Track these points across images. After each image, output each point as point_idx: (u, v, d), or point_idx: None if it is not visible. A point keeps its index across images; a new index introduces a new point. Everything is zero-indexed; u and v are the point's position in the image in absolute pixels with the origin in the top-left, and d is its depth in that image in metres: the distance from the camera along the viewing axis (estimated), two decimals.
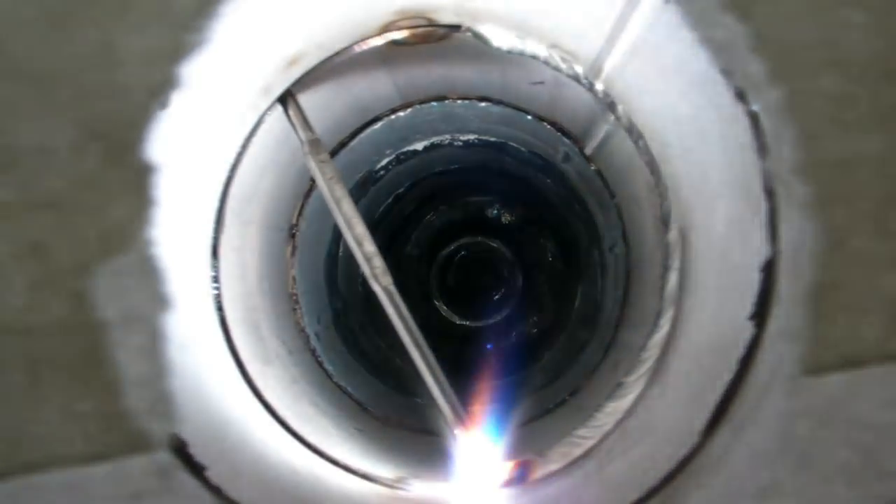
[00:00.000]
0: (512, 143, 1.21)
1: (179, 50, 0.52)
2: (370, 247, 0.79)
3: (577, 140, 1.04)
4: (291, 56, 0.75)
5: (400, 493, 0.85)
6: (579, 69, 0.81)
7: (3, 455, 0.53)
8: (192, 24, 0.52)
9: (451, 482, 0.86)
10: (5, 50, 0.51)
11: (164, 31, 0.52)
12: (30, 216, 0.52)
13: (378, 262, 0.79)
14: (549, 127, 1.05)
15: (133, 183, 0.52)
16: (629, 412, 0.81)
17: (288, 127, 0.81)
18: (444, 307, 1.57)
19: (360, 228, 0.79)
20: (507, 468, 0.85)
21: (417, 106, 1.05)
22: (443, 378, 0.83)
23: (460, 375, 1.16)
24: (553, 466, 0.83)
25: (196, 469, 0.58)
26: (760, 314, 0.58)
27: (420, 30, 0.80)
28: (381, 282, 0.79)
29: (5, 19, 0.51)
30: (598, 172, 1.04)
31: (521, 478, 0.84)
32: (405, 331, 0.80)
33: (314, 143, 0.79)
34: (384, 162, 1.21)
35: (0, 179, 0.52)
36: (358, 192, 1.22)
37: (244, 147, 0.79)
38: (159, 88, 0.52)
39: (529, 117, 1.05)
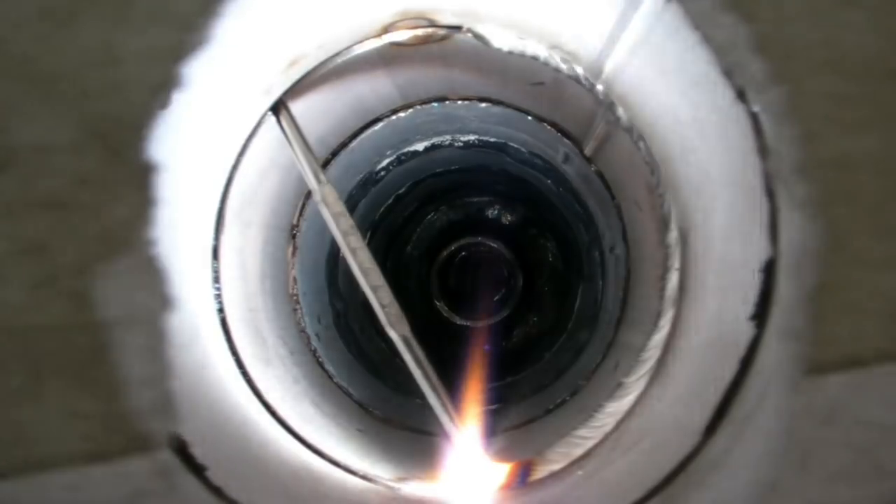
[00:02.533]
0: (512, 144, 1.21)
1: (180, 49, 0.52)
2: (386, 295, 0.80)
3: (578, 141, 1.04)
4: (292, 56, 0.75)
5: (401, 493, 0.85)
6: (579, 70, 0.81)
7: (2, 455, 0.53)
8: (194, 23, 0.52)
9: (453, 483, 0.86)
10: (5, 48, 0.51)
11: (166, 31, 0.52)
12: (30, 215, 0.52)
13: (394, 309, 0.80)
14: (549, 128, 1.05)
15: (134, 182, 0.52)
16: (630, 412, 0.81)
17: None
18: (445, 307, 1.57)
19: (376, 276, 0.80)
20: (507, 469, 0.85)
21: (418, 107, 1.05)
22: (457, 416, 0.83)
23: (460, 375, 1.16)
24: (554, 467, 0.83)
25: (197, 469, 0.58)
26: (761, 314, 0.58)
27: (421, 31, 0.80)
28: (397, 330, 0.80)
29: (5, 18, 0.51)
30: (599, 173, 1.04)
31: (521, 478, 0.84)
32: (424, 378, 0.81)
33: (327, 191, 0.80)
34: (385, 162, 1.21)
35: (0, 178, 0.52)
36: (358, 193, 1.22)
37: (245, 147, 0.79)
38: (160, 88, 0.52)
39: (530, 118, 1.05)
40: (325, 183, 0.80)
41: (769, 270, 0.57)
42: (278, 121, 0.78)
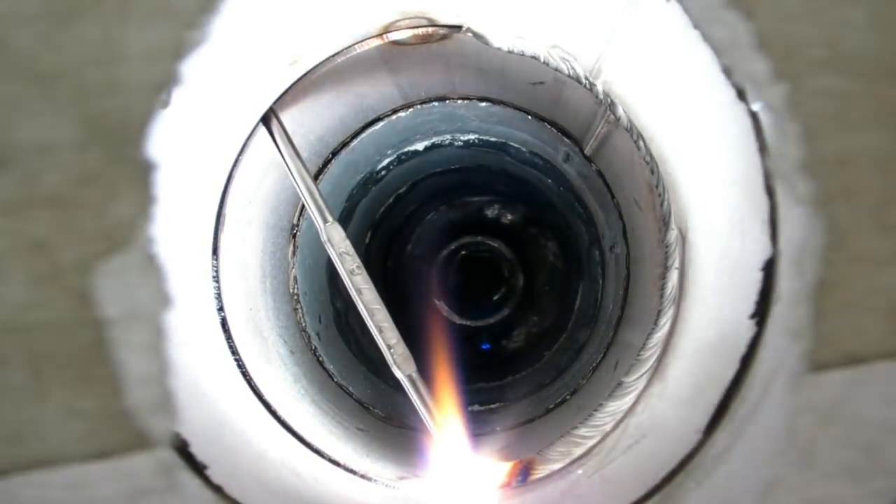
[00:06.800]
0: (512, 144, 1.21)
1: (181, 47, 0.52)
2: (392, 335, 0.81)
3: (578, 140, 1.04)
4: (292, 55, 0.75)
5: (401, 492, 0.85)
6: (579, 69, 0.81)
7: (3, 453, 0.53)
8: (194, 21, 0.52)
9: (453, 482, 0.86)
10: (7, 47, 0.51)
11: (166, 28, 0.52)
12: (31, 213, 0.52)
13: (401, 349, 0.81)
14: (549, 127, 1.05)
15: (135, 180, 0.52)
16: (630, 411, 0.81)
17: (291, 126, 0.81)
18: (445, 307, 1.57)
19: (382, 316, 0.81)
20: (507, 468, 0.85)
21: (418, 106, 1.05)
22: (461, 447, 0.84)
23: (460, 375, 1.16)
24: (554, 466, 0.83)
25: (197, 468, 0.58)
26: (761, 313, 0.58)
27: (421, 30, 0.81)
28: (403, 370, 0.81)
29: (7, 16, 0.51)
30: (599, 172, 1.04)
31: (521, 477, 0.84)
32: (429, 418, 0.83)
33: (333, 230, 0.80)
34: (385, 162, 1.21)
35: (1, 176, 0.52)
36: (359, 193, 1.22)
37: (245, 145, 0.79)
38: (161, 86, 0.52)
39: (530, 117, 1.05)
40: (331, 222, 0.80)
41: (769, 269, 0.57)
42: (270, 132, 0.78)
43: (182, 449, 0.57)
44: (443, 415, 0.84)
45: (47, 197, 0.52)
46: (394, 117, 1.05)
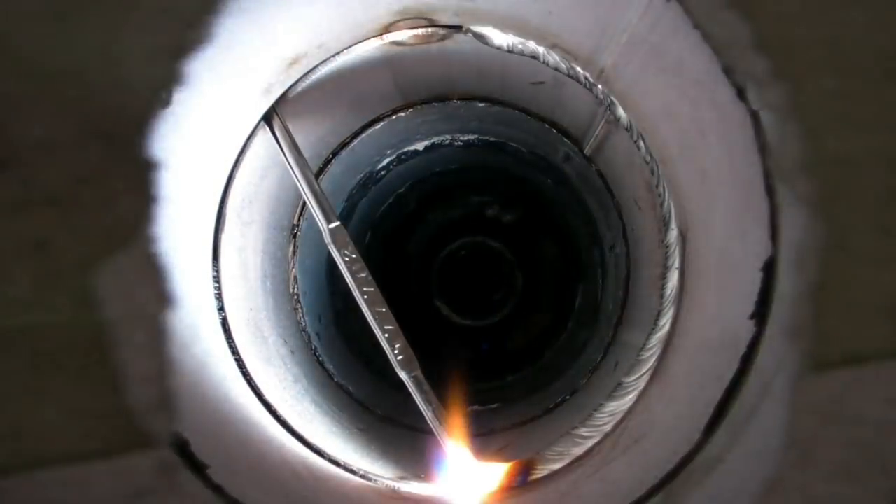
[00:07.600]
0: (512, 143, 1.21)
1: (182, 47, 0.52)
2: (396, 336, 0.81)
3: (577, 140, 1.04)
4: (293, 55, 0.76)
5: (401, 492, 0.85)
6: (579, 69, 0.81)
7: (3, 451, 0.53)
8: (195, 20, 0.52)
9: (453, 482, 0.86)
10: (8, 46, 0.51)
11: (168, 28, 0.52)
12: (32, 213, 0.52)
13: (405, 350, 0.81)
14: (549, 127, 1.05)
15: (136, 180, 0.52)
16: (630, 411, 0.81)
17: (291, 126, 0.81)
18: (445, 307, 1.57)
19: (386, 317, 0.81)
20: (507, 468, 0.85)
21: (418, 106, 1.05)
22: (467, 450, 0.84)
23: (460, 375, 1.16)
24: (553, 466, 0.84)
25: (197, 468, 0.58)
26: (762, 313, 0.58)
27: (421, 30, 0.81)
28: (407, 371, 0.81)
29: (8, 15, 0.51)
30: (599, 172, 1.04)
31: (521, 478, 0.84)
32: (434, 418, 0.83)
33: (337, 232, 0.80)
34: (385, 162, 1.21)
35: (2, 176, 0.52)
36: (359, 193, 1.22)
37: (246, 145, 0.79)
38: (162, 85, 0.52)
39: (529, 117, 1.05)
40: (336, 224, 0.81)
41: (769, 268, 0.57)
42: (272, 130, 0.79)
43: (182, 449, 0.57)
44: (448, 415, 0.84)
45: (47, 197, 0.52)
46: (394, 117, 1.05)
